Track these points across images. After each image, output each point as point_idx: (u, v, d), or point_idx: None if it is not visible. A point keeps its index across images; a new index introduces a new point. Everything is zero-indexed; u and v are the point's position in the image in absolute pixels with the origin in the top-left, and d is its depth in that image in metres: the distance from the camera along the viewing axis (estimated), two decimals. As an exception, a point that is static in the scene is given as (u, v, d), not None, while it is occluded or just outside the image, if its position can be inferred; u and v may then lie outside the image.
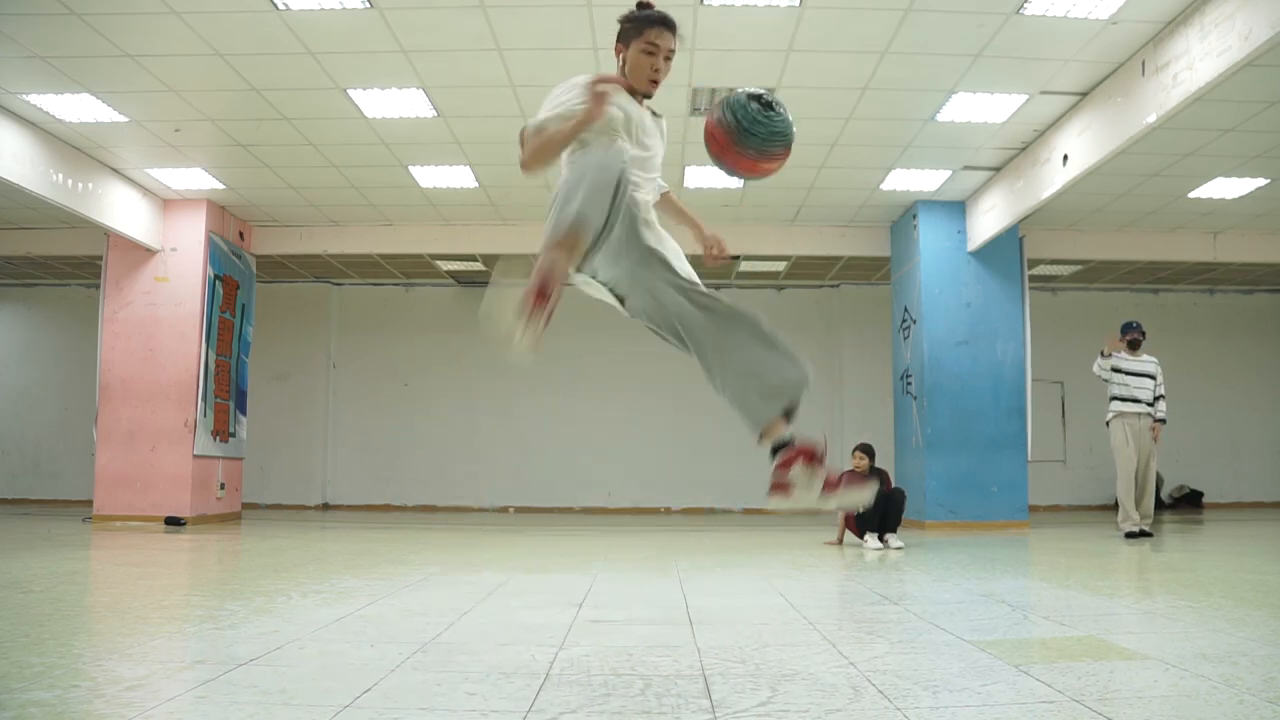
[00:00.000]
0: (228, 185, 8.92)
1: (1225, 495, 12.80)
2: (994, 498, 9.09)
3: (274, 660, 2.69)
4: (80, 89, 6.71)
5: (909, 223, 9.62)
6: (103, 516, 8.96)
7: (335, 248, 10.38)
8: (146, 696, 2.27)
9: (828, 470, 2.46)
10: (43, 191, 7.58)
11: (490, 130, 7.51)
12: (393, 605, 3.81)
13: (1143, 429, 7.98)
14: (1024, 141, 7.72)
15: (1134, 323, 8.26)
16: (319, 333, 13.00)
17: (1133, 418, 7.99)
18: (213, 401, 9.44)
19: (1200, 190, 8.70)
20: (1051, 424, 12.08)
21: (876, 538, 6.80)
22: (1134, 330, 8.18)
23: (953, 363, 9.21)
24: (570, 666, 2.64)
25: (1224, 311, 13.17)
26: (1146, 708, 2.17)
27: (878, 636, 3.15)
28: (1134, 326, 8.21)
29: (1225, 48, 5.05)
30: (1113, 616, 3.60)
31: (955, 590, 4.39)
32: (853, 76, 6.48)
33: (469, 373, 12.91)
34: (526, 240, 10.32)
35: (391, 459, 12.75)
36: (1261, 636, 3.06)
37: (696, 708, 2.19)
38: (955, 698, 2.29)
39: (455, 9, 5.59)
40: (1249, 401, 13.03)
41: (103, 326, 9.35)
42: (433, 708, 2.19)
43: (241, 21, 5.71)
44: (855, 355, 12.60)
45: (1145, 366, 8.09)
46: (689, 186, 8.88)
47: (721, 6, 5.53)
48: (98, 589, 4.57)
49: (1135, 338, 8.15)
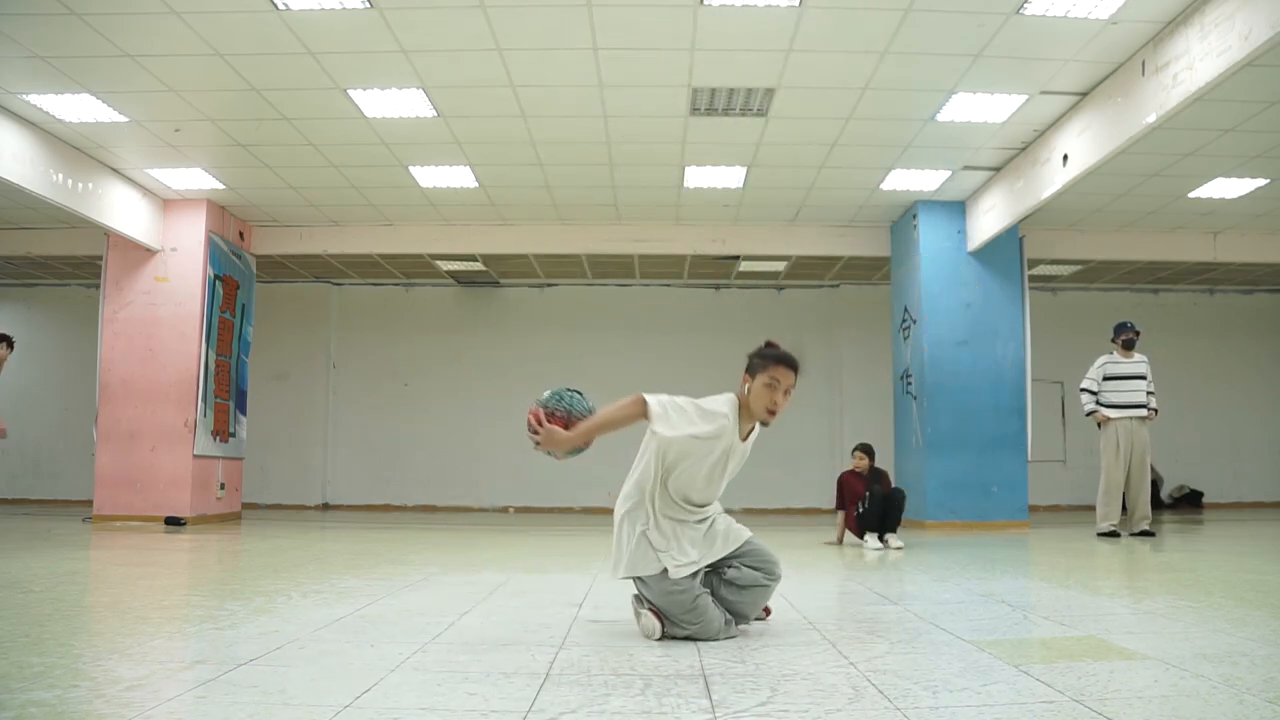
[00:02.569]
0: (228, 185, 8.92)
1: (1225, 495, 12.81)
2: (994, 498, 9.09)
3: (274, 660, 2.69)
4: (80, 89, 6.71)
5: (909, 223, 9.62)
6: (103, 516, 8.97)
7: (335, 248, 10.38)
8: (146, 696, 2.27)
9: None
10: (43, 191, 7.58)
11: (490, 130, 7.51)
12: (393, 605, 3.82)
13: (1135, 430, 7.97)
14: (1024, 141, 7.72)
15: (1127, 323, 8.19)
16: (319, 333, 13.01)
17: (1126, 423, 7.99)
18: (213, 401, 9.44)
19: (1200, 190, 8.70)
20: (1051, 424, 12.08)
21: (876, 538, 6.80)
22: (1128, 330, 8.12)
23: (953, 363, 9.21)
24: (570, 666, 2.64)
25: (1224, 311, 13.17)
26: (1146, 708, 2.17)
27: (878, 636, 3.15)
28: (1128, 327, 8.15)
29: (1225, 48, 5.05)
30: (1112, 616, 3.60)
31: (955, 590, 4.39)
32: (853, 76, 6.48)
33: (469, 373, 12.93)
34: (526, 240, 10.35)
35: (391, 459, 12.75)
36: (1261, 636, 3.06)
37: (696, 708, 2.19)
38: (955, 698, 2.29)
39: (455, 9, 5.59)
40: (1249, 401, 13.03)
41: (103, 326, 9.35)
42: (433, 708, 2.19)
43: (241, 21, 5.71)
44: (855, 355, 12.61)
45: (1137, 368, 8.06)
46: (689, 186, 8.88)
47: (721, 6, 5.53)
48: (98, 589, 4.57)
49: (1129, 338, 8.11)
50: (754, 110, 7.06)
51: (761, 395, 3.06)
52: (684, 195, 9.19)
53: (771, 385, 3.05)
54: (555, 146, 7.88)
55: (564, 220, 10.05)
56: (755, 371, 3.08)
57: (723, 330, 12.92)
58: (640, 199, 9.34)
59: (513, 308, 13.09)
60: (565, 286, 13.04)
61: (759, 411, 3.08)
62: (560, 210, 9.70)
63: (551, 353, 12.89)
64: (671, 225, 10.20)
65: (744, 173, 8.50)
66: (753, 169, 8.39)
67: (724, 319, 12.94)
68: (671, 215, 9.88)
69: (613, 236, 10.27)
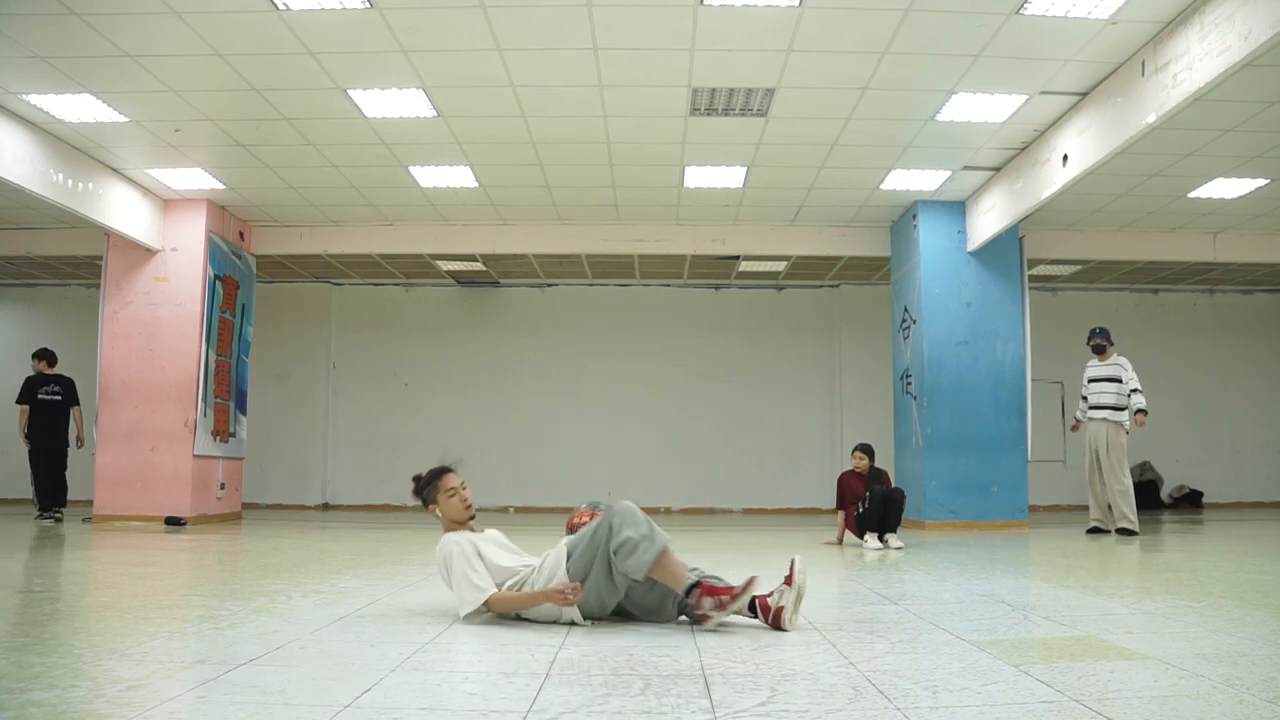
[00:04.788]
0: (228, 185, 8.92)
1: (1225, 495, 12.81)
2: (994, 498, 9.09)
3: (274, 660, 2.70)
4: (80, 89, 6.71)
5: (909, 223, 9.62)
6: (103, 516, 8.97)
7: (335, 248, 10.38)
8: (146, 696, 2.27)
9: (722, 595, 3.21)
10: (43, 191, 7.58)
11: (490, 130, 7.51)
12: (393, 605, 3.82)
13: (1096, 432, 8.34)
14: (1024, 141, 7.72)
15: (1095, 329, 8.60)
16: (319, 333, 13.01)
17: (1091, 424, 8.43)
18: (213, 401, 9.44)
19: (1200, 190, 8.70)
20: (1051, 424, 12.08)
21: (876, 538, 6.80)
22: (1096, 336, 8.55)
23: (953, 363, 9.21)
24: (570, 666, 2.64)
25: (1224, 311, 13.17)
26: (1146, 708, 2.17)
27: (878, 636, 3.15)
28: (1096, 333, 8.57)
29: (1225, 48, 5.05)
30: (1112, 616, 3.60)
31: (955, 590, 4.39)
32: (853, 76, 6.48)
33: (469, 373, 12.93)
34: (526, 240, 10.35)
35: (391, 459, 12.74)
36: (1261, 636, 3.06)
37: (696, 708, 2.19)
38: (955, 698, 2.29)
39: (455, 9, 5.59)
40: (1249, 401, 13.03)
41: (103, 326, 9.35)
42: (433, 708, 2.19)
43: (241, 21, 5.71)
44: (855, 355, 12.61)
45: (1109, 370, 8.40)
46: (689, 186, 8.88)
47: (721, 6, 5.53)
48: (98, 589, 4.57)
49: (1099, 343, 8.53)
50: (754, 110, 7.06)
51: (452, 506, 3.52)
52: (684, 195, 9.19)
53: (451, 493, 3.52)
54: (555, 146, 7.88)
55: (564, 220, 10.05)
56: (432, 499, 3.55)
57: (723, 330, 12.94)
58: (640, 199, 9.34)
59: (513, 308, 13.10)
60: (565, 286, 13.04)
61: (462, 516, 3.53)
62: (560, 210, 9.70)
63: (551, 353, 12.90)
64: (671, 225, 10.20)
65: (744, 173, 8.50)
66: (753, 169, 8.39)
67: (724, 319, 12.94)
68: (671, 215, 9.88)
69: (613, 236, 10.27)
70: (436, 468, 3.63)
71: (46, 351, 9.41)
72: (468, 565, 3.28)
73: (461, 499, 3.54)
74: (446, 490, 3.54)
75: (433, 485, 3.56)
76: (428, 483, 3.57)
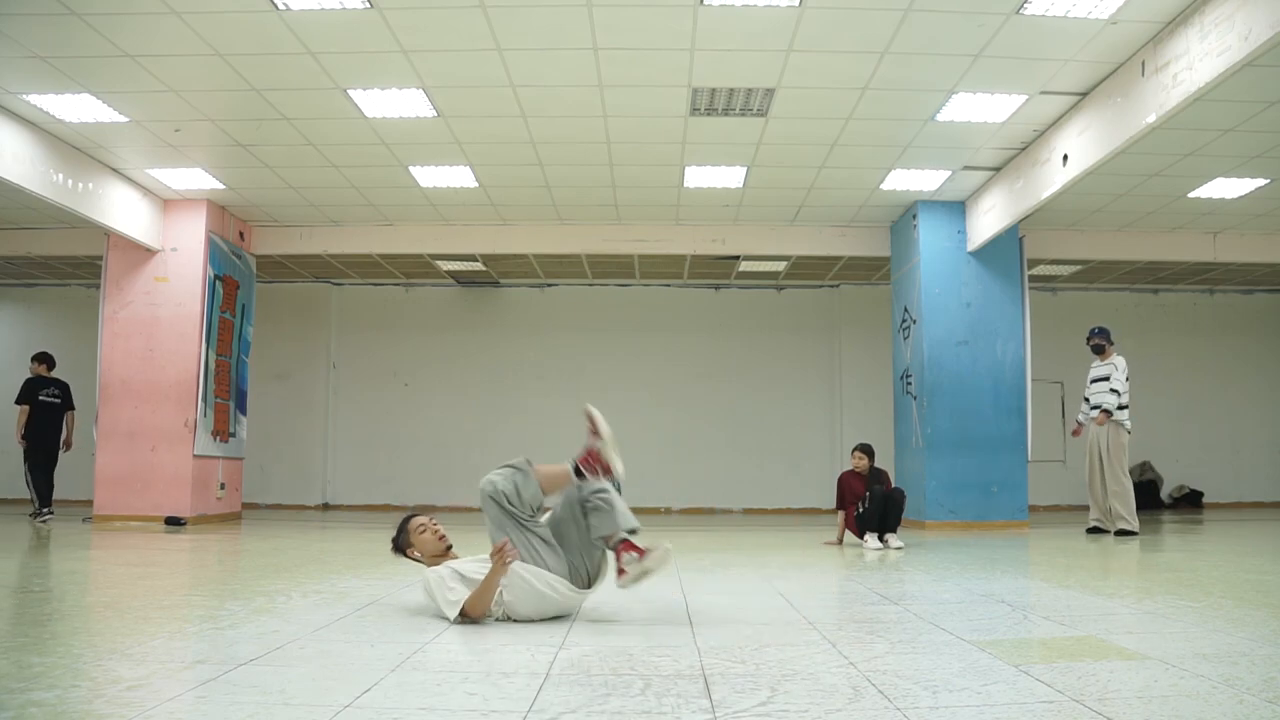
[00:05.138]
0: (228, 185, 8.92)
1: (1225, 495, 12.81)
2: (994, 498, 9.10)
3: (274, 660, 2.69)
4: (80, 89, 6.71)
5: (909, 223, 9.62)
6: (103, 516, 8.97)
7: (335, 248, 10.38)
8: (146, 696, 2.27)
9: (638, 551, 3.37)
10: (43, 191, 7.58)
11: (490, 130, 7.51)
12: (393, 605, 3.82)
13: (1097, 433, 8.39)
14: (1024, 141, 7.72)
15: (1095, 329, 8.63)
16: (319, 333, 13.01)
17: (1090, 425, 8.49)
18: (213, 401, 9.44)
19: (1200, 190, 8.70)
20: (1051, 424, 12.08)
21: (876, 538, 6.79)
22: (1095, 336, 8.59)
23: (953, 363, 9.21)
24: (570, 666, 2.64)
25: (1224, 311, 13.17)
26: (1146, 707, 2.17)
27: (878, 636, 3.15)
28: (1095, 333, 8.61)
29: (1225, 48, 5.05)
30: (1112, 616, 3.60)
31: (955, 590, 4.39)
32: (853, 76, 6.48)
33: (469, 373, 12.93)
34: (526, 240, 10.35)
35: (391, 459, 12.75)
36: (1261, 636, 3.06)
37: (696, 708, 2.19)
38: (955, 698, 2.29)
39: (455, 9, 5.59)
40: (1249, 401, 13.03)
41: (103, 326, 9.35)
42: (433, 708, 2.19)
43: (241, 21, 5.71)
44: (855, 355, 12.61)
45: (1102, 370, 8.47)
46: (689, 186, 8.88)
47: (721, 6, 5.53)
48: (98, 589, 4.57)
49: (1098, 343, 8.57)
50: (754, 110, 7.06)
51: (425, 541, 3.63)
52: (684, 195, 9.19)
53: (422, 529, 3.65)
54: (555, 146, 7.88)
55: (564, 220, 10.05)
56: (406, 542, 3.67)
57: (723, 330, 12.94)
58: (640, 199, 9.34)
59: (513, 308, 13.09)
60: (565, 286, 13.04)
61: (438, 548, 3.64)
62: (560, 210, 9.70)
63: (551, 353, 12.89)
64: (671, 225, 10.20)
65: (744, 173, 8.50)
66: (753, 169, 8.39)
67: (724, 319, 12.94)
68: (671, 215, 9.88)
69: (613, 236, 10.27)
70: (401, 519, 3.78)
71: (46, 355, 9.42)
72: (443, 588, 3.36)
73: (433, 531, 3.65)
74: (416, 529, 3.66)
75: (403, 531, 3.70)
76: (398, 532, 3.72)
